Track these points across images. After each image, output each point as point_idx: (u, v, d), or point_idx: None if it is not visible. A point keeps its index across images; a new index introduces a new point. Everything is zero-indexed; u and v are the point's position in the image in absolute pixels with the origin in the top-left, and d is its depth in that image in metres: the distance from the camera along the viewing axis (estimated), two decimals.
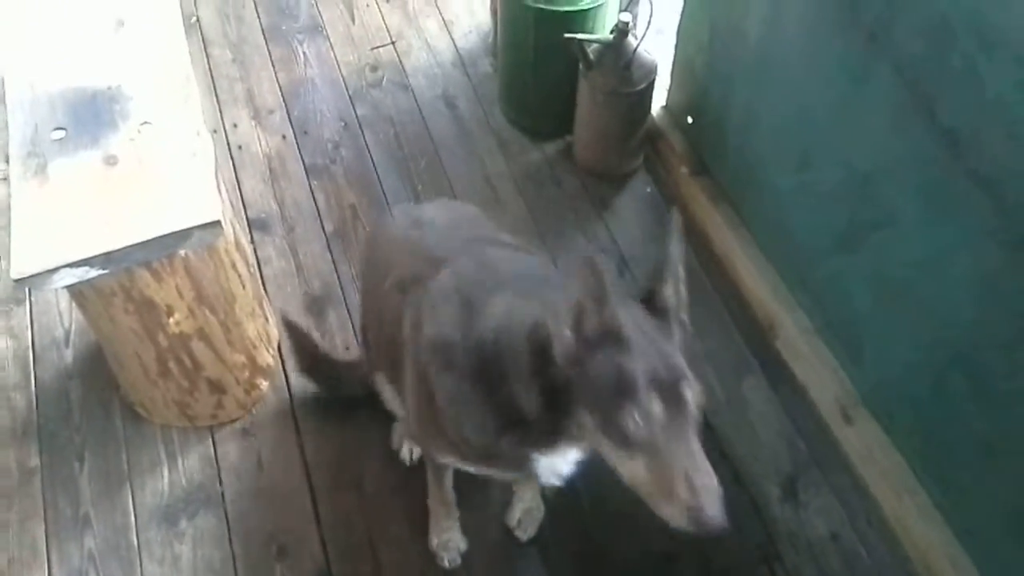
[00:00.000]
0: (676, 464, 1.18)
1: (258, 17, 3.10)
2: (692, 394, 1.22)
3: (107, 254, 1.58)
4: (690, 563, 1.97)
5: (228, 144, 2.73)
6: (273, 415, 2.16)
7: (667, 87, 2.62)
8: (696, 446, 1.20)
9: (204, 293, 1.87)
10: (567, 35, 2.40)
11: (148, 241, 1.59)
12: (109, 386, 2.19)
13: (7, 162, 1.80)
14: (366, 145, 2.73)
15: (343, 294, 2.38)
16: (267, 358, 2.18)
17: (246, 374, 2.10)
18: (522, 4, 2.44)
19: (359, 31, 3.06)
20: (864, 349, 2.02)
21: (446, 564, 1.95)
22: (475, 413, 1.41)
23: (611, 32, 2.42)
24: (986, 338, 1.65)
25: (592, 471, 1.95)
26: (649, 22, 2.36)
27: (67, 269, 1.58)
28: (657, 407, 1.19)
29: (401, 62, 2.96)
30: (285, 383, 2.21)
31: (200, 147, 1.73)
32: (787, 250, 2.23)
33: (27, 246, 1.59)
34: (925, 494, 1.90)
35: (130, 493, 2.06)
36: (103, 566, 1.98)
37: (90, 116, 1.77)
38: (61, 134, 1.75)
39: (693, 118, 2.52)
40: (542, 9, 2.41)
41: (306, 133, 2.76)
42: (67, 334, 2.30)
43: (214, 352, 1.98)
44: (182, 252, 1.70)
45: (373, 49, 3.00)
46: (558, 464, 1.49)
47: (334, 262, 2.44)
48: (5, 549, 2.00)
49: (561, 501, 2.00)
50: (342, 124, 2.78)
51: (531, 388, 1.30)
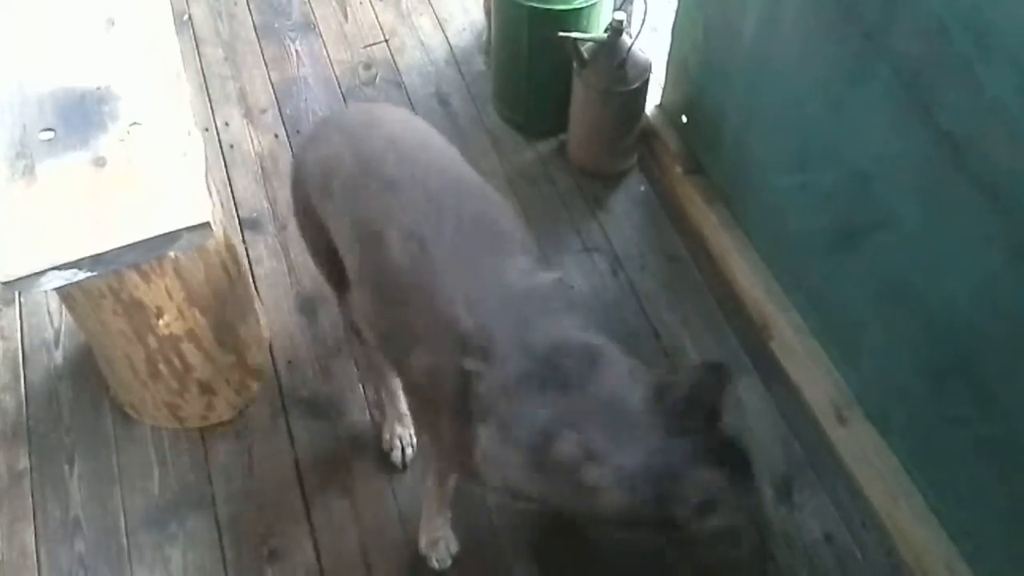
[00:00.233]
0: None
1: (250, 15, 3.08)
2: None
3: (95, 256, 1.56)
4: (683, 564, 1.96)
5: (220, 143, 2.71)
6: (264, 416, 2.14)
7: (661, 85, 2.61)
8: None
9: (194, 294, 1.86)
10: (561, 34, 2.38)
11: (136, 243, 1.57)
12: (99, 387, 2.18)
13: None
14: None
15: (337, 295, 2.36)
16: (258, 359, 2.16)
17: (237, 375, 2.08)
18: (516, 3, 2.42)
19: (352, 29, 3.04)
20: (860, 350, 2.01)
21: (435, 565, 1.94)
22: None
23: (605, 31, 2.40)
24: (985, 342, 1.63)
25: None
26: (643, 20, 2.35)
27: (55, 272, 1.56)
28: None
29: (394, 60, 2.94)
30: (276, 384, 2.19)
31: (190, 147, 1.71)
32: (782, 250, 2.22)
33: (14, 248, 1.57)
34: (920, 496, 1.90)
35: (120, 495, 2.04)
36: (93, 570, 1.96)
37: (79, 117, 1.75)
38: (50, 135, 1.73)
39: (688, 117, 2.50)
40: (536, 7, 2.40)
41: (299, 132, 2.73)
42: (57, 335, 2.28)
43: (204, 353, 1.96)
44: (171, 254, 1.68)
45: (366, 47, 2.98)
46: None
47: None
48: None
49: None
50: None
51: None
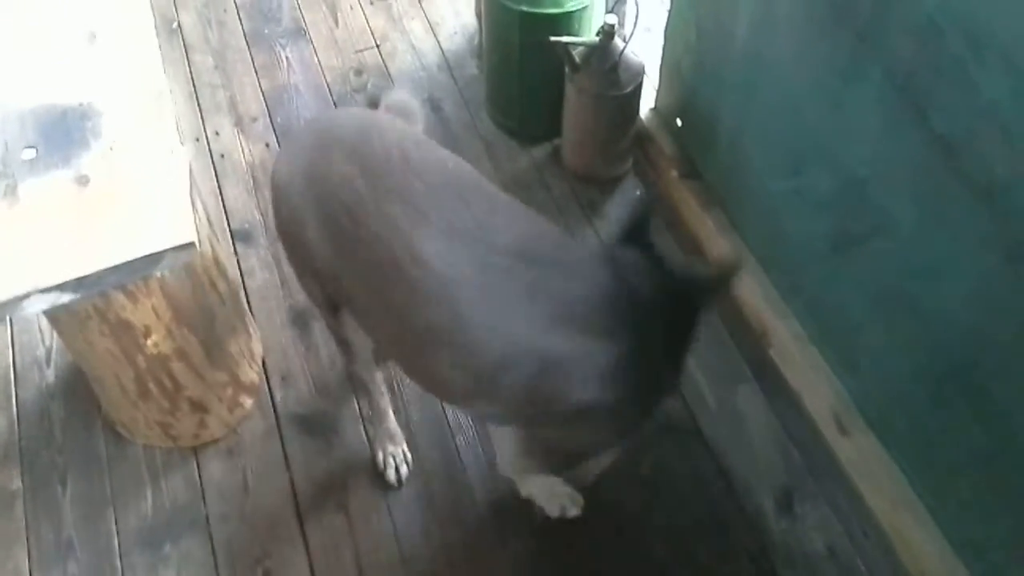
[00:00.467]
0: None
1: (240, 22, 3.06)
2: None
3: (79, 279, 1.53)
4: None
5: (210, 153, 2.69)
6: (258, 433, 2.11)
7: (656, 88, 2.58)
8: None
9: (182, 313, 1.83)
10: (552, 38, 2.35)
11: (120, 265, 1.54)
12: (91, 406, 2.15)
13: None
14: None
15: None
16: (251, 375, 2.14)
17: (229, 392, 2.06)
18: (506, 7, 2.39)
19: (343, 34, 3.01)
20: (859, 358, 1.98)
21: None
22: None
23: (597, 34, 2.37)
24: (984, 349, 1.61)
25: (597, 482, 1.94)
26: (635, 24, 2.32)
27: (38, 295, 1.53)
28: None
29: (386, 65, 2.92)
30: (270, 400, 2.16)
31: (174, 165, 1.68)
32: (779, 256, 2.19)
33: None
34: (922, 506, 1.87)
35: (113, 516, 2.02)
36: None
37: (61, 134, 1.72)
38: (32, 153, 1.70)
39: (682, 120, 2.47)
40: (526, 12, 2.37)
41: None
42: (48, 353, 2.26)
43: (195, 372, 1.94)
44: (157, 273, 1.65)
45: (357, 52, 2.95)
46: None
47: None
48: None
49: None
50: None
51: None
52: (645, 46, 2.57)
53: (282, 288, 2.38)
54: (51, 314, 1.74)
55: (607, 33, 2.33)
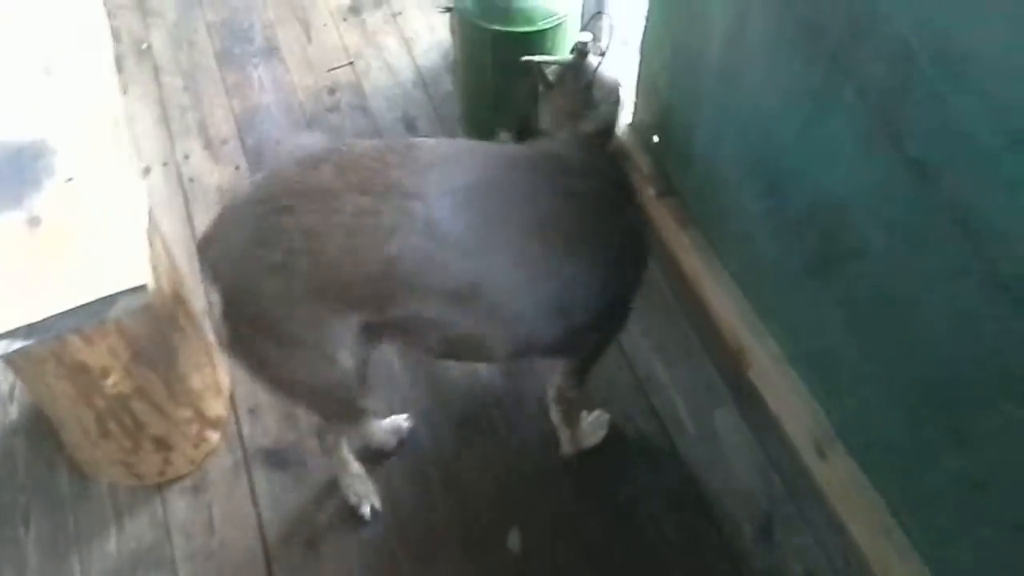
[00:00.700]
0: None
1: (211, 41, 3.01)
2: None
3: (29, 326, 1.48)
4: None
5: (180, 177, 2.64)
6: (225, 469, 2.07)
7: (633, 104, 2.53)
8: None
9: (141, 351, 1.78)
10: (524, 58, 2.30)
11: (72, 310, 1.49)
12: (54, 443, 2.10)
13: None
14: None
15: None
16: (217, 409, 2.09)
17: (194, 428, 2.01)
18: (479, 26, 2.34)
19: (316, 52, 2.96)
20: (837, 381, 1.94)
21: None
22: None
23: (571, 52, 2.32)
24: (963, 379, 1.56)
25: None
26: (609, 44, 2.27)
27: None
28: None
29: (360, 83, 2.87)
30: (238, 434, 2.12)
31: (129, 202, 1.63)
32: (757, 276, 2.15)
33: None
34: (903, 534, 1.82)
35: (78, 558, 1.97)
36: None
37: (14, 173, 1.67)
38: None
39: (659, 137, 2.43)
40: (499, 31, 2.32)
41: (261, 163, 2.66)
42: (11, 389, 2.21)
43: (157, 410, 1.89)
44: (111, 316, 1.60)
45: (330, 70, 2.91)
46: None
47: None
48: None
49: (535, 535, 1.93)
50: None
51: None
52: (622, 59, 2.53)
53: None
54: (5, 358, 1.69)
55: (580, 51, 2.27)
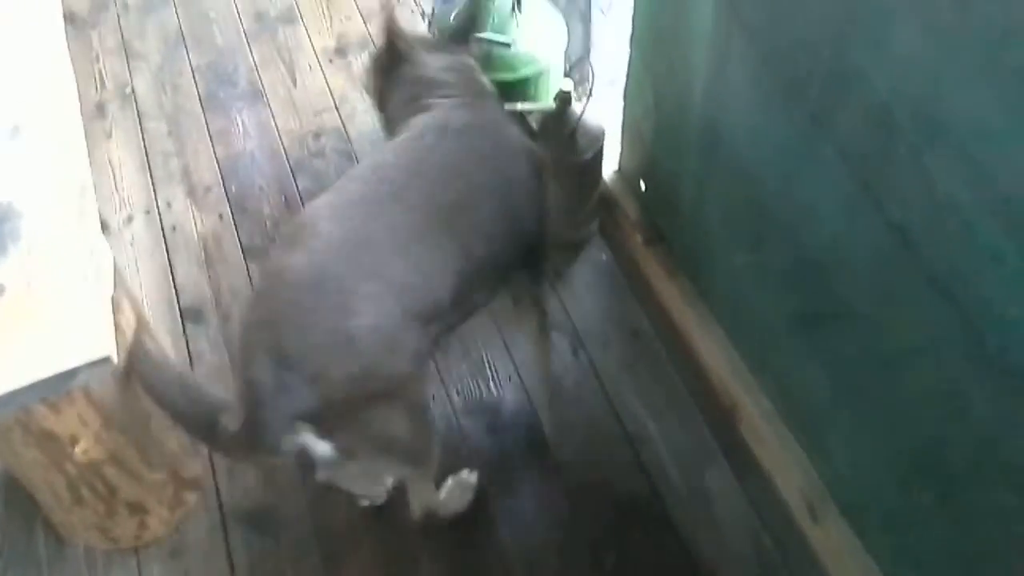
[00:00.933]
0: None
1: (195, 85, 2.98)
2: None
3: None
4: None
5: (162, 225, 2.61)
6: (202, 532, 2.02)
7: (619, 147, 2.50)
8: None
9: (111, 417, 1.74)
10: (507, 105, 2.27)
11: (32, 385, 1.45)
12: (30, 505, 2.05)
13: None
14: None
15: None
16: (194, 469, 2.04)
17: (169, 491, 1.96)
18: None
19: (301, 96, 2.93)
20: (829, 441, 1.89)
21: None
22: None
23: (554, 100, 2.29)
24: (952, 454, 1.51)
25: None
26: (592, 90, 2.24)
27: None
28: None
29: (345, 128, 2.84)
30: (215, 494, 2.07)
31: (94, 268, 1.60)
32: (746, 329, 2.10)
33: None
34: None
35: None
36: None
37: None
38: None
39: (645, 184, 2.39)
40: None
41: (244, 211, 2.63)
42: None
43: (130, 475, 1.85)
44: (75, 387, 1.56)
45: (316, 115, 2.88)
46: None
47: None
48: None
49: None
50: (282, 199, 2.65)
51: None
52: (608, 99, 2.50)
53: (232, 372, 2.28)
54: None
55: (563, 99, 2.25)
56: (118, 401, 1.75)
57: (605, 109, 2.51)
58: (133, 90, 2.96)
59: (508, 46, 2.26)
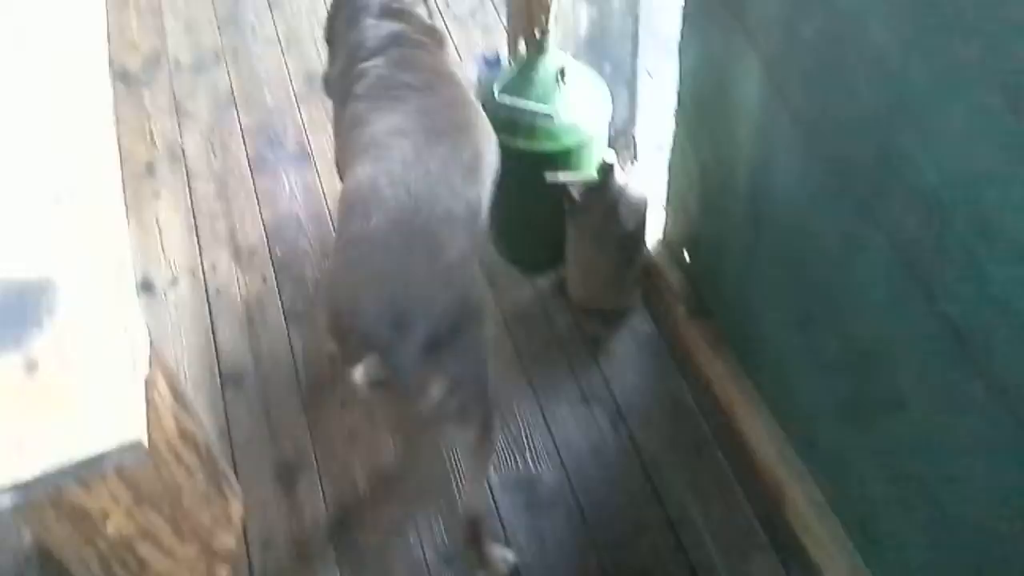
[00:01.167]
0: None
1: (244, 146, 3.01)
2: None
3: (16, 486, 1.43)
4: None
5: (206, 288, 2.62)
6: None
7: (664, 215, 2.46)
8: None
9: (144, 494, 1.73)
10: (548, 178, 2.25)
11: (60, 469, 1.44)
12: (66, 573, 2.05)
13: None
14: None
15: (316, 461, 2.22)
16: (227, 542, 2.02)
17: (202, 565, 1.94)
18: (504, 145, 2.29)
19: None
20: (878, 535, 1.80)
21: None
22: None
23: (596, 171, 2.26)
24: (1002, 549, 1.43)
25: None
26: (634, 161, 2.21)
27: None
28: None
29: None
30: (248, 569, 2.04)
31: (129, 347, 1.59)
32: (792, 411, 2.03)
33: None
34: None
35: None
36: None
37: (16, 311, 1.64)
38: None
39: (690, 255, 2.34)
40: (523, 150, 2.27)
41: (288, 274, 2.63)
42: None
43: (161, 549, 1.82)
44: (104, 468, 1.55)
45: None
46: None
47: (309, 424, 2.29)
48: None
49: None
50: (325, 263, 2.65)
51: None
52: (654, 165, 2.46)
53: (270, 439, 2.27)
54: None
55: (606, 170, 2.22)
56: (150, 478, 1.73)
57: (650, 175, 2.48)
58: (183, 150, 3.00)
59: (551, 118, 2.24)
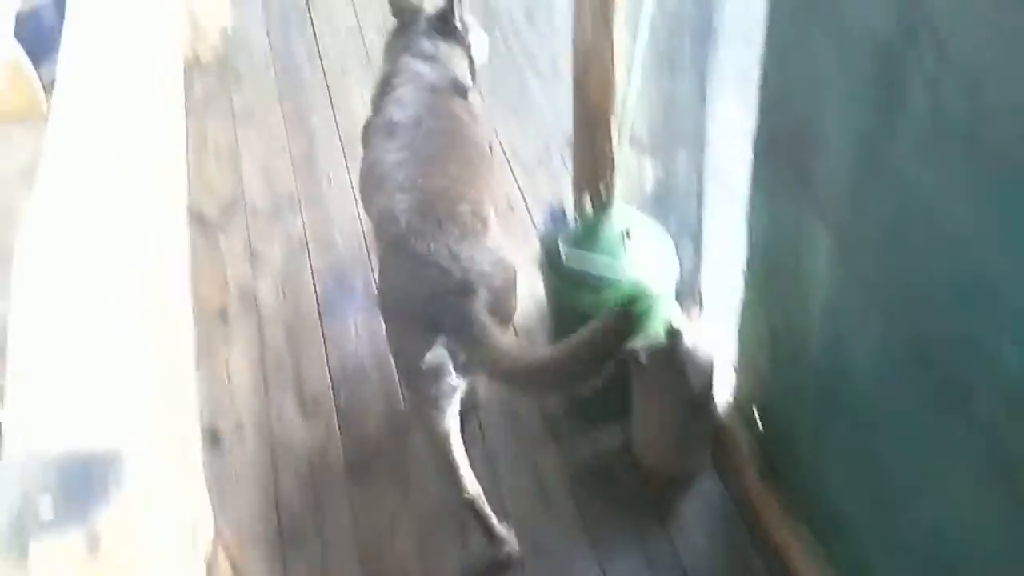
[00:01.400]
0: None
1: (315, 291, 3.05)
2: None
3: None
4: None
5: (272, 439, 2.62)
6: None
7: (735, 373, 2.40)
8: None
9: None
10: None
11: None
12: None
13: None
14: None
15: None
16: None
17: None
18: (569, 303, 2.30)
19: None
20: None
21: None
22: None
23: (664, 332, 2.24)
24: None
25: None
26: (700, 309, 2.18)
27: None
28: None
29: None
30: None
31: (191, 524, 1.59)
32: None
33: None
34: None
35: None
36: None
37: (82, 484, 1.63)
38: (49, 506, 1.63)
39: (762, 419, 2.28)
40: (589, 313, 2.24)
41: (351, 425, 2.62)
42: None
43: None
44: None
45: None
46: None
47: None
48: None
49: None
50: (389, 412, 2.65)
51: None
52: (720, 317, 2.42)
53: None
54: None
55: (673, 334, 2.19)
56: None
57: (716, 326, 2.44)
58: (256, 297, 3.06)
59: (617, 276, 2.24)
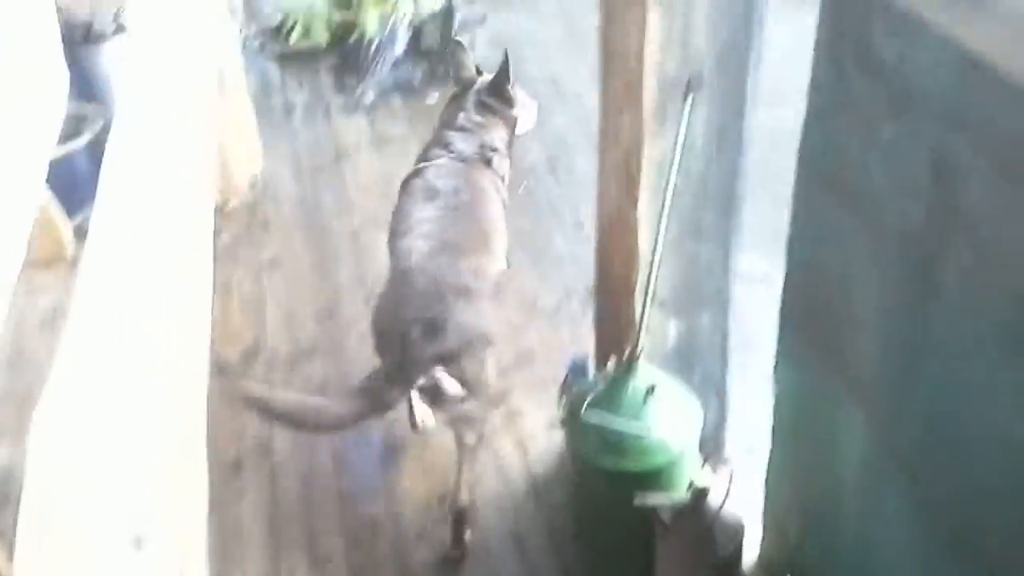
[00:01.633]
0: None
1: (332, 442, 3.00)
2: None
3: None
4: None
5: None
6: None
7: (761, 531, 2.32)
8: None
9: None
10: (637, 499, 2.17)
11: None
12: None
13: None
14: None
15: None
16: None
17: None
18: (592, 465, 2.25)
19: (432, 456, 2.91)
20: None
21: None
22: None
23: (688, 492, 2.17)
24: None
25: None
26: (729, 487, 2.12)
27: None
28: None
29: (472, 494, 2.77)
30: None
31: None
32: None
33: None
34: None
35: None
36: None
37: None
38: None
39: None
40: (612, 469, 2.21)
41: None
42: None
43: None
44: None
45: (442, 479, 2.82)
46: None
47: None
48: None
49: None
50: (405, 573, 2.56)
51: None
52: (746, 469, 2.34)
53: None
54: None
55: (699, 494, 2.13)
56: None
57: (744, 484, 2.36)
58: (271, 446, 3.01)
59: (640, 436, 2.19)
